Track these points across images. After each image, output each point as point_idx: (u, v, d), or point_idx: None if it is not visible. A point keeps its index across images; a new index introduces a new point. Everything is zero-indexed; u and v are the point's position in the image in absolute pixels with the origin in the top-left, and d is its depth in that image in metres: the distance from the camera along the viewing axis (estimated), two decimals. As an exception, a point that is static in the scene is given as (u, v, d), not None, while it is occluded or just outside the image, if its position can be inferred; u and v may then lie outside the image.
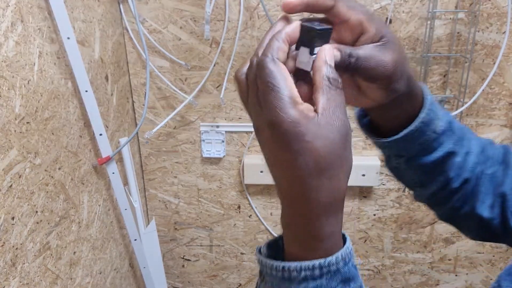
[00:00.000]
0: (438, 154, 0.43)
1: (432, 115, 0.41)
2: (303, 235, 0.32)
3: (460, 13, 0.92)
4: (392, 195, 1.11)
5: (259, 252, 0.35)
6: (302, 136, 0.29)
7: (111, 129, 0.94)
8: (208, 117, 1.06)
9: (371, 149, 1.06)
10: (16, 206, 0.62)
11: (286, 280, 0.32)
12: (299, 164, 0.30)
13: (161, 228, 1.21)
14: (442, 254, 1.17)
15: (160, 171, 1.13)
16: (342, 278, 0.31)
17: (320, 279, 0.31)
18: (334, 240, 0.32)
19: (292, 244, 0.33)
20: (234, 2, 0.95)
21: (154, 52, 1.01)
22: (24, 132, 0.64)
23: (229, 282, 1.27)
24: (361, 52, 0.34)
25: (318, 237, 0.31)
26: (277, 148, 0.30)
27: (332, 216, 0.32)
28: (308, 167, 0.29)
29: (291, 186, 0.31)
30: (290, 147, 0.29)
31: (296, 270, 0.31)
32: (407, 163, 0.44)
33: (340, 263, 0.31)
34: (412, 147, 0.42)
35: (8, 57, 0.60)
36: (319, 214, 0.31)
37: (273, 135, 0.30)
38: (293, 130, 0.29)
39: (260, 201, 1.14)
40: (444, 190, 0.45)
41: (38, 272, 0.69)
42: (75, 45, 0.74)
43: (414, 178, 0.46)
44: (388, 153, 0.46)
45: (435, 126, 0.41)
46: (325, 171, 0.30)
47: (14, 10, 0.61)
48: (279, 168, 0.31)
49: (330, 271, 0.31)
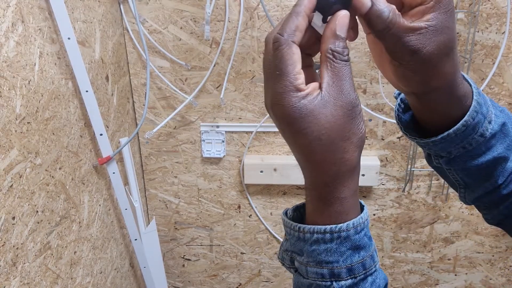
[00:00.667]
0: (485, 158, 0.40)
1: (479, 117, 0.38)
2: (313, 198, 0.35)
3: (460, 13, 0.93)
4: (392, 195, 1.11)
5: (285, 214, 0.37)
6: (303, 118, 0.31)
7: (112, 129, 0.95)
8: (208, 117, 1.07)
9: (370, 149, 1.06)
10: (16, 206, 0.63)
11: (301, 240, 0.34)
12: (302, 142, 0.32)
13: (162, 228, 1.21)
14: (442, 254, 1.17)
15: (160, 171, 1.14)
16: (352, 245, 0.33)
17: (331, 243, 0.33)
18: (344, 207, 0.34)
19: (308, 206, 0.36)
20: (234, 3, 0.95)
21: (154, 52, 1.01)
22: (24, 132, 0.64)
23: (229, 281, 1.27)
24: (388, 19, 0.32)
25: (327, 201, 0.34)
26: (282, 127, 0.33)
27: (339, 184, 0.33)
28: (311, 144, 0.32)
29: (301, 157, 0.34)
30: (291, 128, 0.32)
31: (310, 232, 0.34)
32: (448, 164, 0.42)
33: (351, 230, 0.33)
34: (453, 150, 0.40)
35: (8, 57, 0.60)
36: (326, 181, 0.33)
37: (276, 116, 0.33)
38: (293, 114, 0.31)
39: (260, 201, 1.15)
40: (492, 196, 0.43)
41: (39, 272, 0.69)
42: (75, 46, 0.74)
43: (457, 179, 0.44)
44: (428, 151, 0.44)
45: (483, 129, 0.38)
46: (327, 146, 0.32)
47: (15, 11, 0.61)
48: (288, 142, 0.34)
49: (340, 237, 0.33)
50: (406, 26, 0.32)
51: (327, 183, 0.33)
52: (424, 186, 1.09)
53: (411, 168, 1.06)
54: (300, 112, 0.31)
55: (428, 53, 0.33)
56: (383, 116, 1.02)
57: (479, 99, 0.38)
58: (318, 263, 0.33)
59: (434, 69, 0.34)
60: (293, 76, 0.31)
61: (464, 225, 1.12)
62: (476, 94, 0.38)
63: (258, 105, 1.04)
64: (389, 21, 0.32)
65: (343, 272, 0.33)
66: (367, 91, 1.01)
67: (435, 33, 0.32)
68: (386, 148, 1.06)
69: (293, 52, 0.31)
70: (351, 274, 0.33)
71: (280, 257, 0.38)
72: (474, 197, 0.44)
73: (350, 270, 0.33)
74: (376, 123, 1.04)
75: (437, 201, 1.10)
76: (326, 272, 0.33)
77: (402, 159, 1.07)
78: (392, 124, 1.03)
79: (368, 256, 0.34)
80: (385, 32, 0.33)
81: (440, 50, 0.33)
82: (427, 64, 0.33)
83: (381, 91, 1.00)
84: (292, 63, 0.31)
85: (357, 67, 0.99)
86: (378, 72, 0.99)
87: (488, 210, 0.45)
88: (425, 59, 0.33)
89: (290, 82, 0.31)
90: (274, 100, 0.32)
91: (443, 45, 0.33)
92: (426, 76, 0.35)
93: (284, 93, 0.31)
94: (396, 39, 0.33)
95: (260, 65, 1.00)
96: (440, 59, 0.33)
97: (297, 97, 0.31)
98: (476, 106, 0.38)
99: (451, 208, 1.11)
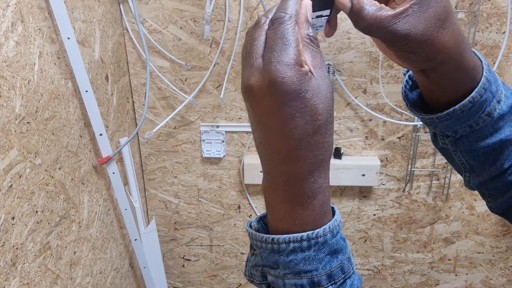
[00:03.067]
0: (492, 140, 0.38)
1: (487, 95, 0.36)
2: (296, 192, 0.31)
3: (460, 13, 0.92)
4: (392, 195, 1.11)
5: (249, 226, 0.35)
6: (305, 93, 0.29)
7: (111, 129, 0.95)
8: (208, 117, 1.06)
9: (371, 149, 1.06)
10: (16, 206, 0.63)
11: (276, 252, 0.32)
12: (298, 122, 0.29)
13: (161, 228, 1.21)
14: (442, 254, 1.17)
15: (160, 171, 1.14)
16: (330, 250, 0.32)
17: (308, 251, 0.31)
18: (325, 199, 0.32)
19: (276, 212, 0.33)
20: (234, 2, 0.95)
21: (154, 52, 1.01)
22: (24, 132, 0.64)
23: (229, 282, 1.27)
24: (368, 14, 0.33)
25: (310, 193, 0.31)
26: (275, 107, 0.29)
27: (323, 171, 0.32)
28: (306, 125, 0.29)
29: (286, 145, 0.30)
30: (291, 105, 0.29)
31: (285, 242, 0.31)
32: (454, 144, 0.41)
33: (327, 234, 0.31)
34: (459, 128, 0.39)
35: (8, 57, 0.60)
36: (313, 169, 0.31)
37: (273, 93, 0.29)
38: (297, 88, 0.29)
39: (260, 201, 1.15)
40: (497, 181, 0.41)
41: (38, 272, 0.69)
42: (75, 45, 0.74)
43: (462, 161, 0.42)
44: (434, 130, 0.42)
45: (491, 109, 0.37)
46: (320, 127, 0.30)
47: (15, 10, 0.61)
48: (274, 128, 0.30)
49: (318, 243, 0.31)
50: (388, 15, 0.32)
51: (312, 171, 0.31)
52: (424, 186, 1.09)
53: (412, 168, 1.06)
54: (302, 87, 0.29)
55: (420, 32, 0.32)
56: (383, 116, 1.01)
57: (489, 76, 0.37)
58: (296, 274, 0.31)
59: (433, 44, 0.33)
60: (298, 50, 0.29)
61: (464, 225, 1.12)
62: (486, 71, 0.37)
63: (258, 105, 1.04)
64: (369, 17, 0.32)
65: (323, 280, 0.31)
66: (367, 91, 1.01)
67: (421, 9, 0.32)
68: (386, 148, 1.06)
69: (296, 28, 0.30)
70: (331, 280, 0.32)
71: (248, 274, 0.35)
72: (479, 181, 0.43)
73: (329, 276, 0.32)
74: (376, 123, 1.04)
75: (438, 201, 1.10)
76: (306, 282, 0.31)
77: (402, 159, 1.07)
78: (393, 124, 1.03)
79: (346, 259, 0.33)
80: (369, 28, 0.33)
81: (432, 24, 0.33)
82: (423, 42, 0.33)
83: (381, 91, 1.00)
84: (298, 38, 0.30)
85: (357, 67, 0.99)
86: (378, 72, 0.98)
87: (492, 198, 0.43)
88: (419, 38, 0.33)
89: (297, 55, 0.29)
90: (274, 74, 0.28)
91: (434, 18, 0.32)
92: (427, 53, 0.34)
93: (292, 65, 0.28)
94: (384, 31, 0.33)
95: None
96: (434, 33, 0.33)
97: (301, 72, 0.29)
98: (485, 83, 0.36)
99: (452, 208, 1.10)
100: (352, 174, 1.04)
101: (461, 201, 1.09)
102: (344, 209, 1.13)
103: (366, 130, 1.05)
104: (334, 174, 1.05)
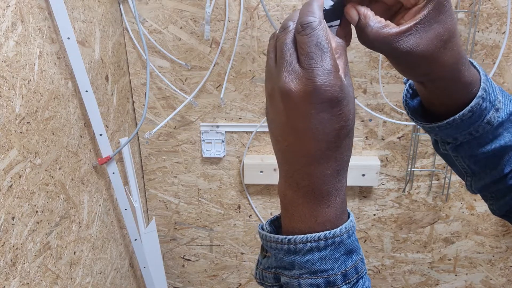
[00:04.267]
0: (492, 146, 0.40)
1: (486, 104, 0.37)
2: (322, 191, 0.33)
3: (460, 13, 0.92)
4: (392, 195, 1.11)
5: (261, 228, 0.36)
6: (342, 100, 0.30)
7: (111, 129, 0.95)
8: (208, 117, 1.06)
9: (371, 149, 1.06)
10: (16, 206, 0.63)
11: (292, 253, 0.33)
12: (334, 127, 0.30)
13: (161, 228, 1.21)
14: (442, 254, 1.17)
15: (160, 171, 1.14)
16: (346, 250, 0.33)
17: (325, 250, 0.32)
18: (344, 196, 0.34)
19: (298, 209, 0.33)
20: (234, 2, 0.95)
21: (154, 52, 1.01)
22: (24, 132, 0.64)
23: (229, 282, 1.27)
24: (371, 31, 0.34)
25: (334, 191, 0.33)
26: (312, 113, 0.30)
27: (346, 171, 0.33)
28: (341, 129, 0.31)
29: (317, 148, 0.31)
30: (330, 111, 0.30)
31: (302, 242, 0.32)
32: (455, 151, 0.42)
33: (344, 235, 0.32)
34: (460, 136, 0.40)
35: (8, 57, 0.60)
36: (339, 169, 0.32)
37: (312, 100, 0.29)
38: (338, 96, 0.30)
39: (260, 201, 1.15)
40: (498, 185, 0.42)
41: (38, 272, 0.69)
42: (75, 45, 0.74)
43: (464, 166, 0.44)
44: (435, 137, 0.44)
45: (490, 117, 0.38)
46: (350, 131, 0.32)
47: (14, 10, 0.61)
48: (307, 132, 0.31)
49: (334, 242, 0.32)
50: (392, 33, 0.33)
51: (339, 171, 0.32)
52: (424, 186, 1.09)
53: (412, 168, 1.06)
54: (341, 94, 0.30)
55: (422, 51, 0.33)
56: (383, 116, 1.01)
57: (487, 86, 0.38)
58: (312, 273, 0.32)
59: (433, 62, 0.34)
60: (334, 57, 0.30)
61: (464, 225, 1.12)
62: (484, 81, 0.38)
63: (258, 105, 1.04)
64: (373, 34, 0.33)
65: (338, 279, 0.32)
66: (367, 91, 1.01)
67: (425, 29, 0.33)
68: (387, 148, 1.06)
69: (328, 31, 0.31)
70: (346, 280, 0.32)
71: (259, 276, 0.36)
72: (480, 185, 0.44)
73: (344, 276, 0.32)
74: (376, 123, 1.04)
75: (438, 201, 1.10)
76: (322, 282, 0.32)
77: (402, 159, 1.07)
78: (393, 124, 1.03)
79: (360, 259, 0.34)
80: (372, 44, 0.34)
81: (434, 44, 0.33)
82: (424, 59, 0.34)
83: (381, 91, 1.00)
84: (331, 43, 0.30)
85: (357, 67, 0.99)
86: (378, 72, 0.98)
87: (494, 201, 0.45)
88: (420, 56, 0.33)
89: (334, 61, 0.30)
90: (316, 82, 0.29)
91: (437, 39, 0.33)
92: (426, 68, 0.35)
93: (334, 73, 0.29)
94: (386, 47, 0.34)
95: (260, 65, 1.00)
96: (436, 52, 0.34)
97: (340, 79, 0.30)
98: (484, 93, 0.37)
99: (452, 208, 1.10)
100: (352, 174, 1.04)
101: (461, 201, 1.09)
102: (344, 209, 1.13)
103: (366, 130, 1.05)
104: (334, 174, 1.04)
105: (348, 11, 0.35)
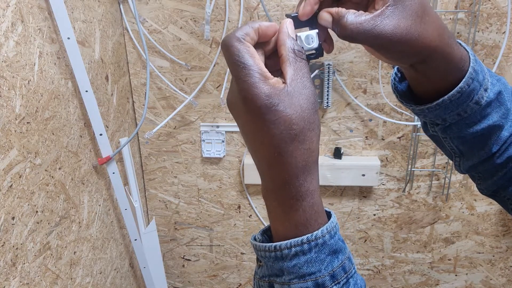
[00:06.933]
0: (480, 126, 0.40)
1: (474, 84, 0.38)
2: (284, 196, 0.34)
3: (460, 13, 0.92)
4: (392, 195, 1.11)
5: (254, 239, 0.37)
6: (275, 107, 0.31)
7: (111, 129, 0.95)
8: (208, 117, 1.06)
9: (371, 149, 1.06)
10: (16, 206, 0.63)
11: (279, 259, 0.33)
12: (274, 133, 0.32)
13: (161, 228, 1.21)
14: (442, 254, 1.17)
15: (160, 171, 1.14)
16: (330, 251, 0.33)
17: (310, 253, 0.33)
18: (314, 201, 0.34)
19: (276, 212, 0.35)
20: (234, 2, 0.95)
21: (154, 52, 1.01)
22: (24, 132, 0.64)
23: (229, 282, 1.27)
24: (348, 22, 0.34)
25: (298, 196, 0.33)
26: (251, 121, 0.33)
27: (308, 175, 0.34)
28: (282, 134, 0.32)
29: (268, 153, 0.33)
30: (264, 118, 0.32)
31: (287, 247, 0.33)
32: (444, 132, 0.42)
33: (326, 235, 0.33)
34: (448, 117, 0.40)
35: (8, 57, 0.60)
36: (297, 174, 0.33)
37: (247, 109, 0.32)
38: (266, 103, 0.31)
39: (260, 201, 1.15)
40: (486, 165, 0.43)
41: (38, 272, 0.69)
42: (75, 45, 0.74)
43: (452, 147, 0.44)
44: (424, 119, 0.44)
45: (478, 97, 0.38)
46: (297, 136, 0.32)
47: (14, 10, 0.61)
48: (255, 138, 0.34)
49: (318, 244, 0.33)
50: (367, 18, 0.34)
51: (297, 175, 0.33)
52: (424, 186, 1.09)
53: (412, 168, 1.06)
54: (272, 101, 0.31)
55: (403, 30, 0.33)
56: (383, 116, 1.01)
57: (475, 66, 0.38)
58: (301, 277, 0.33)
59: (417, 40, 0.34)
60: (256, 66, 0.32)
61: (464, 225, 1.12)
62: (473, 61, 0.38)
63: (258, 105, 1.04)
64: (349, 24, 0.34)
65: (327, 280, 0.33)
66: (367, 91, 1.01)
67: (397, 9, 0.33)
68: (387, 148, 1.06)
69: (247, 45, 0.33)
70: (335, 280, 0.33)
71: (256, 286, 0.37)
72: (468, 165, 0.45)
73: (332, 277, 0.33)
74: (376, 123, 1.04)
75: (438, 201, 1.10)
76: (311, 285, 0.33)
77: (402, 159, 1.07)
78: (393, 124, 1.03)
79: (346, 258, 0.34)
80: (352, 35, 0.34)
81: (411, 21, 0.34)
82: (407, 40, 0.34)
83: (381, 91, 1.00)
84: (251, 55, 0.32)
85: (357, 67, 0.99)
86: (378, 72, 0.98)
87: (482, 180, 0.45)
88: (402, 37, 0.34)
89: (255, 70, 0.32)
90: (244, 93, 0.32)
91: (412, 15, 0.34)
92: (413, 49, 0.35)
93: (255, 83, 0.31)
94: (366, 35, 0.34)
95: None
96: (416, 29, 0.34)
97: (267, 84, 0.31)
98: (472, 73, 0.38)
99: (452, 208, 1.10)
100: (352, 174, 1.04)
101: (461, 201, 1.09)
102: (344, 209, 1.14)
103: (366, 130, 1.05)
104: (334, 174, 1.05)
105: (321, 16, 0.36)
